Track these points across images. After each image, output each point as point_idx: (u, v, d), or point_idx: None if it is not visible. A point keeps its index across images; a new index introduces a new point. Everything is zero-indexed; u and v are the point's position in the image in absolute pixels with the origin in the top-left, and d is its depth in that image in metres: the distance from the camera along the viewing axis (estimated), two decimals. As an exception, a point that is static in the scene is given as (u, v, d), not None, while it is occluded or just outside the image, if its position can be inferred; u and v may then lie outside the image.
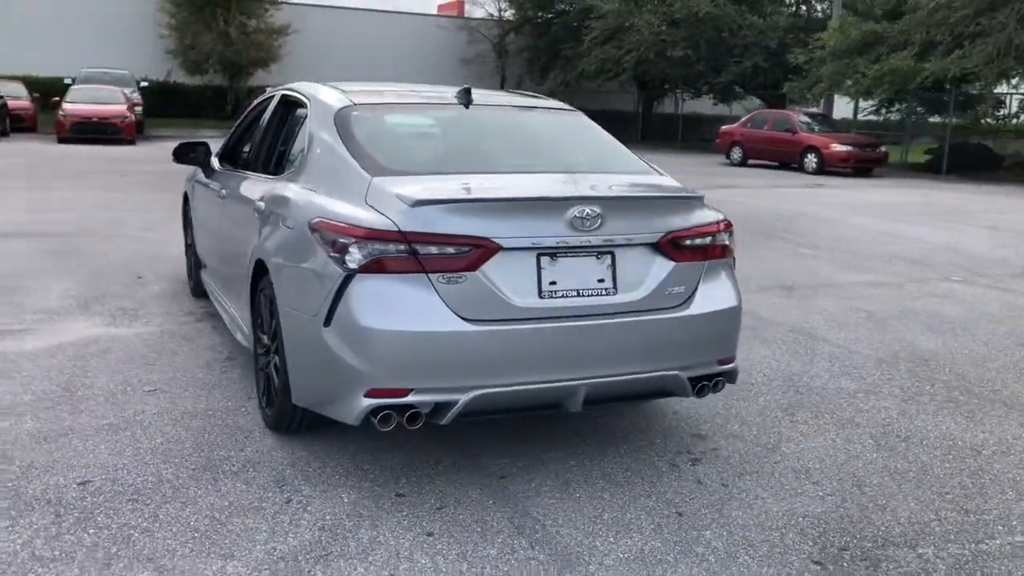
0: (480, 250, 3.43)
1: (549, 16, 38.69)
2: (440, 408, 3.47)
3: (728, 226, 4.03)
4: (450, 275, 3.40)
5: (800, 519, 3.57)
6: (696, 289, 3.84)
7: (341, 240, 3.45)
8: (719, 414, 4.73)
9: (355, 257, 3.41)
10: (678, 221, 3.80)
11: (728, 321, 3.96)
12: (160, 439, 4.12)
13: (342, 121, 4.14)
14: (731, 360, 4.01)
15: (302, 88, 4.78)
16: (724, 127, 27.26)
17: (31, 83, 29.62)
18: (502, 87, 40.61)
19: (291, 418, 3.95)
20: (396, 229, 3.39)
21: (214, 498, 3.56)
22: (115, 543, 3.19)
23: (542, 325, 3.51)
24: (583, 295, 3.61)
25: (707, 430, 4.50)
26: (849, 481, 3.96)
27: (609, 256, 3.66)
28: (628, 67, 31.69)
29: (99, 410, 4.45)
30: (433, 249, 3.40)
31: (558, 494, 3.71)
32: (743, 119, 27.33)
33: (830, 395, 5.13)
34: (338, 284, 3.45)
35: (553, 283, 3.56)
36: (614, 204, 3.67)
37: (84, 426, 4.24)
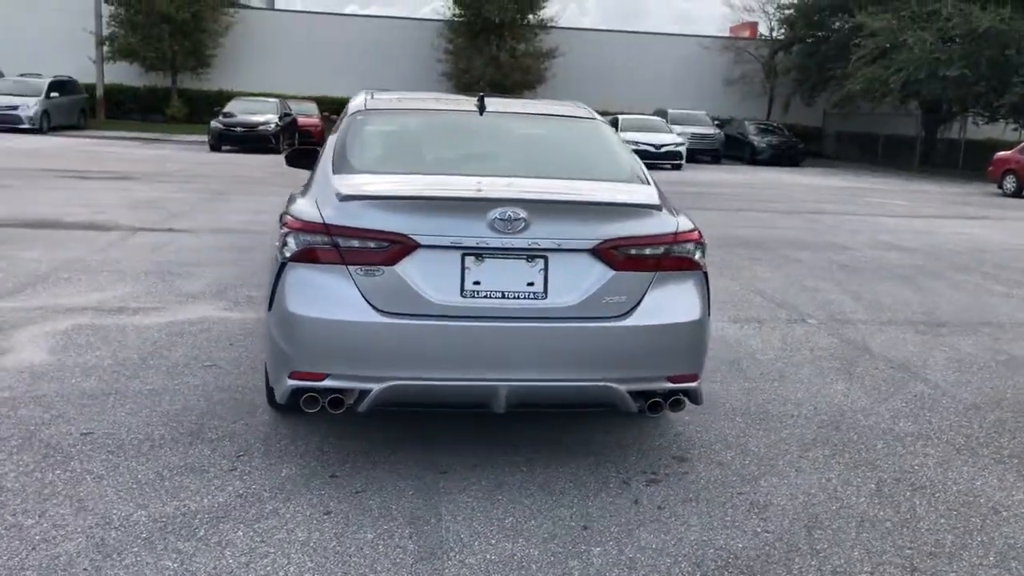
0: (398, 246, 3.56)
1: (819, 35, 37.00)
2: (359, 396, 3.64)
3: (696, 239, 3.85)
4: (368, 268, 3.57)
5: (710, 551, 3.36)
6: (641, 300, 3.71)
7: (283, 231, 3.73)
8: (724, 440, 4.48)
9: (290, 247, 3.67)
10: (620, 229, 3.70)
11: (682, 336, 3.78)
12: (179, 406, 4.61)
13: (348, 125, 4.43)
14: (689, 378, 3.82)
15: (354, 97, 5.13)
16: (999, 154, 24.68)
17: (324, 103, 32.81)
18: (770, 107, 39.39)
19: (271, 396, 4.27)
20: (321, 222, 3.61)
21: (174, 458, 3.96)
22: (66, 484, 3.66)
23: (460, 323, 3.57)
24: (508, 297, 3.62)
25: (694, 454, 4.28)
26: (803, 523, 3.63)
27: (542, 260, 3.64)
28: (895, 87, 29.56)
29: (152, 378, 5.04)
30: (354, 242, 3.58)
31: (481, 495, 3.74)
32: (1021, 146, 24.60)
33: (871, 436, 4.67)
34: (276, 272, 3.73)
35: (477, 283, 3.61)
36: (540, 208, 3.65)
37: (129, 389, 4.83)
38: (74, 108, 30.95)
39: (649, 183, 4.18)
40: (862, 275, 9.63)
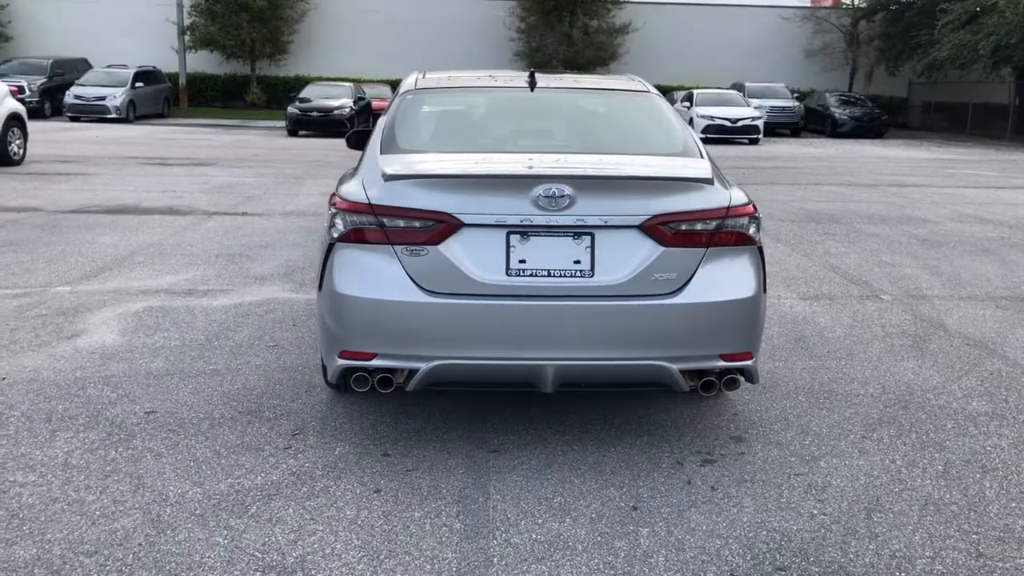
0: (442, 225, 3.55)
1: (904, 1, 35.66)
2: (408, 375, 3.65)
3: (749, 213, 3.74)
4: (413, 248, 3.56)
5: (763, 533, 3.28)
6: (692, 277, 3.63)
7: (331, 212, 3.76)
8: (784, 420, 4.37)
9: (337, 228, 3.69)
10: (669, 204, 3.61)
11: (735, 314, 3.68)
12: (239, 385, 4.70)
13: (398, 105, 4.43)
14: (743, 356, 3.73)
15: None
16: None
17: (397, 85, 32.93)
18: (852, 78, 38.22)
19: (326, 376, 4.32)
20: (366, 202, 3.62)
21: (232, 436, 4.04)
22: (128, 461, 3.76)
23: (506, 302, 3.54)
24: (555, 275, 3.58)
25: (752, 434, 4.19)
26: (863, 505, 3.51)
27: (588, 237, 3.59)
28: (985, 53, 28.31)
29: (216, 358, 5.15)
30: (399, 222, 3.58)
31: (531, 474, 3.72)
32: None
33: (941, 416, 4.49)
34: (325, 252, 3.76)
35: (522, 261, 3.57)
36: (586, 184, 3.59)
37: (193, 369, 4.94)
38: (158, 97, 31.81)
39: (702, 156, 4.07)
40: (942, 249, 9.28)
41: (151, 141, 21.75)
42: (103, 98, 28.68)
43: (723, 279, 3.68)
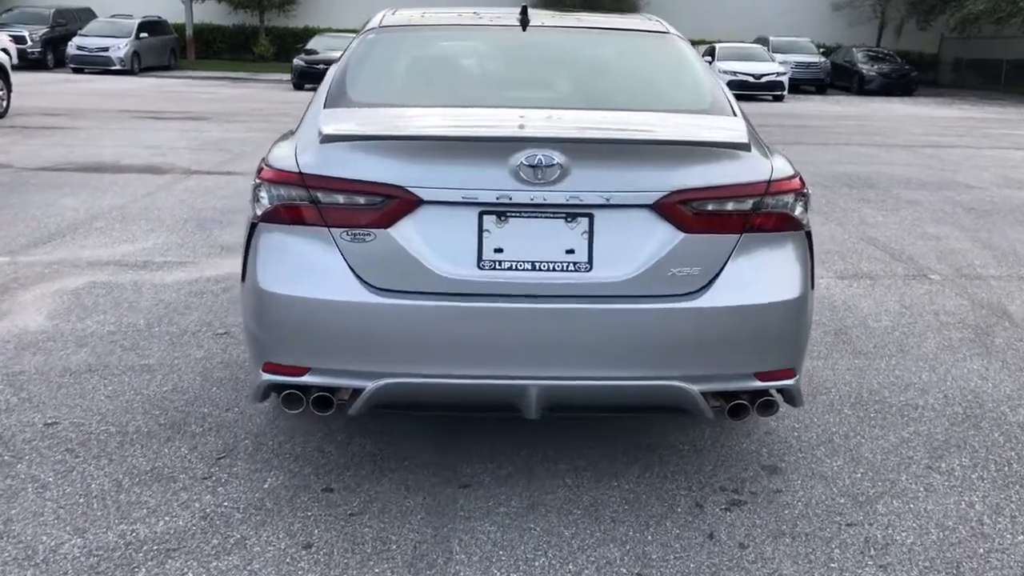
0: (394, 202, 2.71)
1: (938, -50, 34.05)
2: (352, 395, 2.83)
3: (797, 188, 2.87)
4: (356, 231, 2.73)
5: (809, 618, 2.45)
6: (720, 272, 2.78)
7: (255, 183, 2.92)
8: (829, 442, 3.54)
9: (262, 204, 2.86)
10: (693, 176, 2.75)
11: (776, 320, 2.84)
12: (169, 387, 3.91)
13: (355, 47, 3.56)
14: (784, 374, 2.89)
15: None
16: None
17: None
18: (880, 33, 36.71)
19: None
20: (296, 171, 2.77)
21: (143, 460, 3.25)
22: (1, 496, 2.98)
23: (477, 304, 2.71)
24: (541, 268, 2.74)
25: (789, 463, 3.36)
26: (939, 573, 2.68)
27: (585, 219, 2.74)
28: (1025, 6, 26.90)
29: (151, 349, 4.36)
30: (337, 198, 2.74)
31: (509, 521, 2.91)
32: None
33: None
34: (247, 234, 2.93)
35: (499, 251, 2.73)
36: (582, 149, 2.73)
37: (120, 365, 4.15)
38: (164, 49, 30.86)
39: (735, 114, 3.19)
40: (991, 219, 8.35)
41: (151, 94, 20.88)
42: (106, 49, 27.80)
43: (760, 275, 2.83)
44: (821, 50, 31.66)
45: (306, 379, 2.81)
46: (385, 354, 2.75)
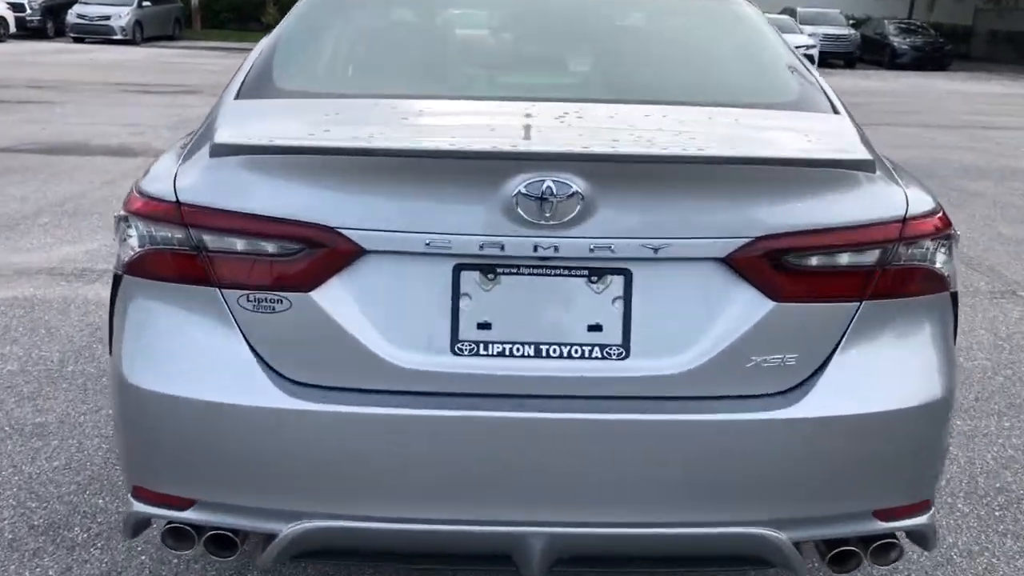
0: (319, 251, 1.72)
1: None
2: (266, 540, 1.86)
3: (939, 228, 1.87)
4: (261, 296, 1.75)
5: None
6: (828, 361, 1.79)
7: (117, 216, 1.94)
8: (947, 563, 2.54)
9: (128, 247, 1.88)
10: (790, 214, 1.76)
11: (911, 433, 1.85)
12: (61, 460, 2.98)
13: (296, 15, 2.54)
14: (915, 509, 1.90)
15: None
16: None
17: None
18: (912, 5, 35.27)
19: None
20: (172, 200, 1.78)
21: (-15, 596, 2.29)
22: None
23: (451, 412, 1.74)
24: (550, 355, 1.75)
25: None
26: None
27: (620, 279, 1.75)
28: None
29: (55, 399, 3.42)
30: (234, 243, 1.75)
31: None
32: None
33: None
34: (111, 291, 1.96)
35: (485, 326, 1.75)
36: (616, 172, 1.72)
37: (8, 423, 3.23)
38: (168, 18, 29.86)
39: (837, 109, 2.18)
40: (1073, 217, 7.28)
41: (148, 65, 19.89)
42: (108, 17, 26.84)
43: (888, 364, 1.84)
44: (851, 22, 30.32)
45: (190, 515, 1.85)
46: (308, 485, 1.78)
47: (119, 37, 26.62)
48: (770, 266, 1.75)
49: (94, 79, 15.76)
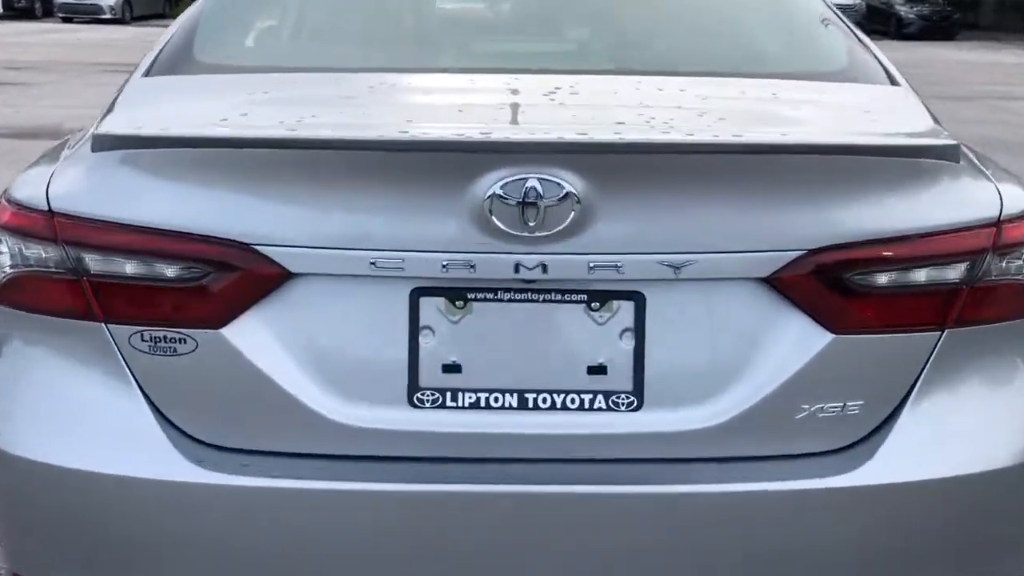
0: (231, 275, 1.30)
1: None
2: None
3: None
4: (159, 333, 1.32)
5: None
6: (901, 408, 1.36)
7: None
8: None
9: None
10: (851, 219, 1.32)
11: (1011, 499, 1.41)
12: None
13: None
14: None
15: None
16: None
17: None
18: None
19: None
20: (44, 208, 1.36)
21: None
22: None
23: (407, 488, 1.32)
24: (539, 406, 1.34)
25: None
26: None
27: (629, 307, 1.33)
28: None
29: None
30: (122, 265, 1.33)
31: None
32: None
33: None
34: None
35: (452, 368, 1.34)
36: (622, 165, 1.29)
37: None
38: (159, -5, 29.58)
39: (897, 81, 1.76)
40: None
41: (135, 44, 19.30)
42: (96, -5, 26.51)
43: (978, 410, 1.42)
44: (856, -9, 29.80)
45: (79, 613, 1.43)
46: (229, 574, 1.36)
47: (108, 16, 26.30)
48: (827, 287, 1.33)
49: (76, 59, 15.33)
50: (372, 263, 1.29)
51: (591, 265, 1.29)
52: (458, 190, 1.27)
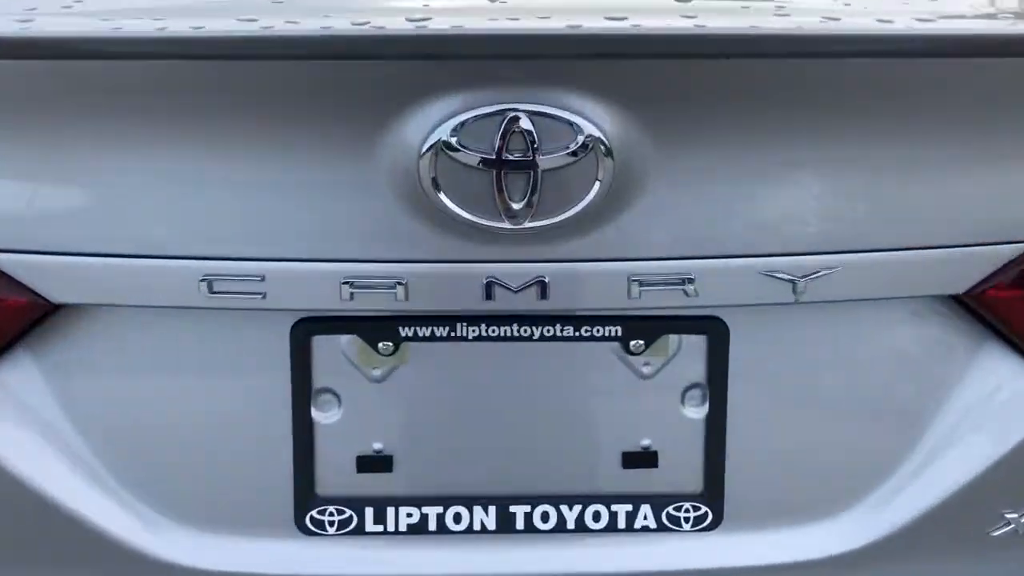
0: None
1: None
2: None
3: None
4: None
5: None
6: None
7: None
8: None
9: None
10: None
11: None
12: None
13: None
14: None
15: None
16: None
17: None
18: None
19: None
20: None
21: None
22: None
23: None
24: (536, 529, 0.73)
25: None
26: None
27: (699, 342, 0.71)
28: None
29: None
30: None
31: None
32: None
33: None
34: None
35: (378, 463, 0.71)
36: (694, 89, 0.65)
37: None
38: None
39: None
40: None
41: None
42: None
43: None
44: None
45: None
46: None
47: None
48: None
49: None
50: (201, 279, 0.66)
51: (632, 278, 0.67)
52: (371, 135, 0.64)
